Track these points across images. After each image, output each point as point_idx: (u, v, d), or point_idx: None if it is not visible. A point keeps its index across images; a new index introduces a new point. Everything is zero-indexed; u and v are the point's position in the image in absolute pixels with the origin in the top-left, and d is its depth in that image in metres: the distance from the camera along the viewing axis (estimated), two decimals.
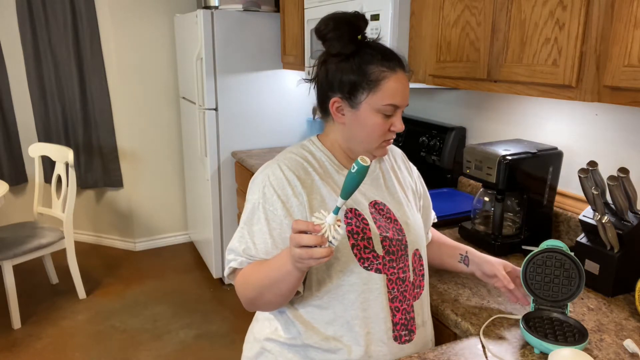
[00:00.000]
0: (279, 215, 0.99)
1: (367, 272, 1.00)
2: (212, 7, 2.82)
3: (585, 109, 1.51)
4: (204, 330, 2.68)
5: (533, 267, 1.06)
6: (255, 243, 1.00)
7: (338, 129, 1.06)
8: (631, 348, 0.98)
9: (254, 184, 1.04)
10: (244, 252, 1.00)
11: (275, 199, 0.99)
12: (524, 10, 1.26)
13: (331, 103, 1.02)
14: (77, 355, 2.46)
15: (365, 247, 1.00)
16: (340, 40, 0.98)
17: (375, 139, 1.02)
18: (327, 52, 1.01)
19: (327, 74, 1.02)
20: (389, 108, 0.99)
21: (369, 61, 0.98)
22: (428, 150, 2.03)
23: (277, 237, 0.99)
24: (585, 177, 1.20)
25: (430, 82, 1.67)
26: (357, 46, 0.99)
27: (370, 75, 0.98)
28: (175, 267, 3.44)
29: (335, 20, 0.98)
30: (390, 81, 0.98)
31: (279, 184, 1.00)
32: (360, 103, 0.99)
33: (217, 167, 2.95)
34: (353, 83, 0.98)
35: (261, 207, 1.00)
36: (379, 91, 0.98)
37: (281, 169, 1.02)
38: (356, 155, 1.07)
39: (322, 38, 1.00)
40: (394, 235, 1.04)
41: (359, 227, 1.01)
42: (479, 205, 1.56)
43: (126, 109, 3.45)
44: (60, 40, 3.35)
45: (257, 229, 1.00)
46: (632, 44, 1.00)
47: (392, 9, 1.68)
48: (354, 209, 1.02)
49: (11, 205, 3.64)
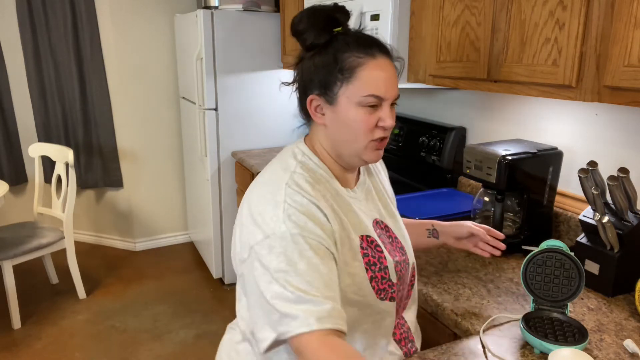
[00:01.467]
0: (323, 242, 0.83)
1: (382, 302, 0.92)
2: (212, 7, 2.82)
3: (585, 109, 1.51)
4: (204, 330, 2.68)
5: (533, 267, 1.06)
6: (310, 281, 0.78)
7: (321, 132, 0.94)
8: (631, 348, 0.98)
9: (266, 218, 0.83)
10: (307, 306, 0.76)
11: (311, 225, 0.82)
12: (524, 10, 1.26)
13: (308, 102, 0.91)
14: (77, 355, 2.46)
15: (382, 277, 0.91)
16: (312, 30, 0.87)
17: (360, 137, 0.89)
18: (302, 47, 0.91)
19: (303, 71, 0.91)
20: (370, 99, 0.86)
21: (342, 49, 0.87)
22: (428, 150, 2.03)
23: (327, 271, 0.81)
24: (585, 177, 1.20)
25: (430, 82, 1.67)
26: (331, 35, 0.88)
27: (343, 63, 0.86)
28: (175, 267, 3.44)
29: (309, 11, 0.89)
30: (367, 68, 0.86)
31: (307, 210, 0.84)
32: (336, 96, 0.87)
33: (217, 167, 2.95)
34: (327, 74, 0.87)
35: (300, 239, 0.81)
36: (355, 80, 0.86)
37: (299, 192, 0.85)
38: (345, 162, 0.94)
39: (295, 33, 0.90)
40: (400, 257, 0.98)
41: (375, 257, 0.91)
42: (479, 205, 1.56)
43: (126, 109, 3.45)
44: (60, 40, 3.35)
45: (303, 266, 0.79)
46: (632, 44, 1.00)
47: (392, 9, 1.68)
48: (365, 236, 0.91)
49: (11, 205, 3.64)
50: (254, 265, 0.82)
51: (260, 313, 0.81)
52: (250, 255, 0.83)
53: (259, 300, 0.81)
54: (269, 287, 0.79)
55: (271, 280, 0.79)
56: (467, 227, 1.18)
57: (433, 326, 1.22)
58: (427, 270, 1.33)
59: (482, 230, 1.17)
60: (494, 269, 1.36)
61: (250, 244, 0.83)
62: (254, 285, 0.82)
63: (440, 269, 1.35)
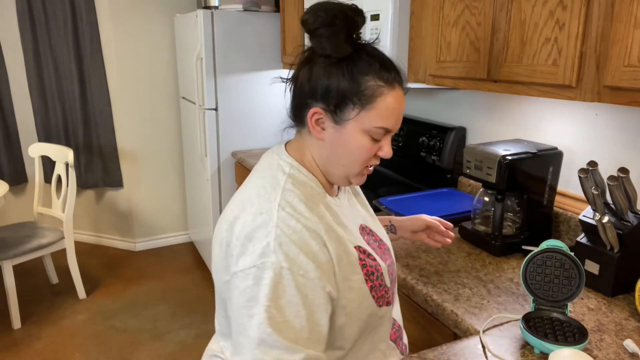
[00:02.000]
0: (312, 279, 0.77)
1: (381, 309, 0.91)
2: (212, 7, 2.82)
3: (585, 109, 1.51)
4: (204, 330, 2.68)
5: (533, 267, 1.06)
6: (289, 321, 0.75)
7: (314, 144, 0.87)
8: (631, 348, 0.98)
9: (256, 244, 0.77)
10: (279, 353, 0.74)
11: (302, 259, 0.77)
12: (524, 10, 1.26)
13: (310, 113, 0.84)
14: (77, 355, 2.46)
15: (380, 285, 0.90)
16: (333, 39, 0.79)
17: (358, 164, 0.85)
18: (314, 50, 0.83)
19: (311, 76, 0.83)
20: (380, 131, 0.83)
21: (365, 71, 0.80)
22: (428, 150, 2.03)
23: (305, 311, 0.77)
24: (585, 177, 1.20)
25: (430, 82, 1.67)
26: (353, 49, 0.81)
27: (365, 88, 0.80)
28: (175, 267, 3.44)
29: (328, 11, 0.79)
30: (387, 99, 0.81)
31: (299, 238, 0.78)
32: (347, 120, 0.82)
33: (217, 167, 2.95)
34: (343, 95, 0.80)
35: (288, 274, 0.76)
36: (373, 109, 0.81)
37: (293, 216, 0.79)
38: (332, 179, 0.89)
39: (310, 32, 0.81)
40: (390, 259, 0.97)
41: (372, 266, 0.89)
42: (479, 205, 1.56)
43: (126, 109, 3.45)
44: (60, 40, 3.35)
45: (284, 302, 0.75)
46: (632, 44, 1.00)
47: (392, 9, 1.68)
48: (358, 247, 0.88)
49: (11, 205, 3.64)
50: (234, 293, 0.79)
51: (238, 345, 0.78)
52: (232, 280, 0.79)
53: (238, 335, 0.78)
54: (249, 321, 0.76)
55: (252, 315, 0.75)
56: (422, 220, 1.23)
57: (433, 326, 1.22)
58: (427, 270, 1.33)
59: (436, 222, 1.23)
60: (494, 269, 1.36)
61: (235, 269, 0.79)
62: (235, 313, 0.79)
63: (440, 269, 1.35)
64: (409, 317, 1.31)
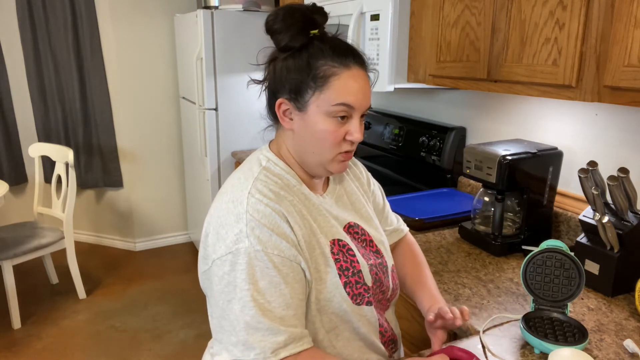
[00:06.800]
0: (288, 257, 0.81)
1: (359, 307, 0.90)
2: (212, 7, 2.82)
3: (585, 109, 1.51)
4: (204, 330, 2.68)
5: (533, 267, 1.06)
6: (270, 301, 0.78)
7: (288, 136, 0.92)
8: (631, 348, 0.98)
9: (228, 231, 0.81)
10: (264, 335, 0.77)
11: (275, 239, 0.81)
12: (524, 10, 1.26)
13: (277, 105, 0.88)
14: (77, 355, 2.46)
15: (356, 282, 0.90)
16: (287, 31, 0.84)
17: (327, 148, 0.87)
18: (276, 47, 0.88)
19: (275, 72, 0.89)
20: (340, 109, 0.84)
21: (317, 56, 0.84)
22: (428, 150, 2.03)
23: (288, 290, 0.80)
24: (585, 177, 1.20)
25: (430, 82, 1.67)
26: (307, 39, 0.85)
27: (317, 70, 0.84)
28: (176, 267, 3.44)
29: (287, 10, 0.85)
30: (341, 78, 0.84)
31: (270, 222, 0.81)
32: (307, 104, 0.85)
33: (217, 167, 2.95)
34: (300, 81, 0.85)
35: (263, 255, 0.79)
36: (327, 89, 0.84)
37: (261, 201, 0.83)
38: (309, 169, 0.92)
39: (270, 31, 0.87)
40: (375, 259, 0.97)
41: (347, 261, 0.90)
42: (479, 205, 1.56)
43: (126, 109, 3.45)
44: (60, 40, 3.35)
45: (264, 284, 0.79)
46: (632, 44, 1.00)
47: (392, 9, 1.68)
48: (336, 240, 0.90)
49: (11, 205, 3.64)
50: (213, 280, 0.82)
51: (222, 330, 0.81)
52: (211, 268, 0.83)
53: (220, 319, 0.81)
54: (229, 305, 0.79)
55: (232, 299, 0.79)
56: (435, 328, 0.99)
57: None
58: None
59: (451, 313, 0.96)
60: (494, 269, 1.36)
61: (212, 257, 0.82)
62: (216, 299, 0.82)
63: (440, 269, 1.35)
64: (409, 317, 1.31)
